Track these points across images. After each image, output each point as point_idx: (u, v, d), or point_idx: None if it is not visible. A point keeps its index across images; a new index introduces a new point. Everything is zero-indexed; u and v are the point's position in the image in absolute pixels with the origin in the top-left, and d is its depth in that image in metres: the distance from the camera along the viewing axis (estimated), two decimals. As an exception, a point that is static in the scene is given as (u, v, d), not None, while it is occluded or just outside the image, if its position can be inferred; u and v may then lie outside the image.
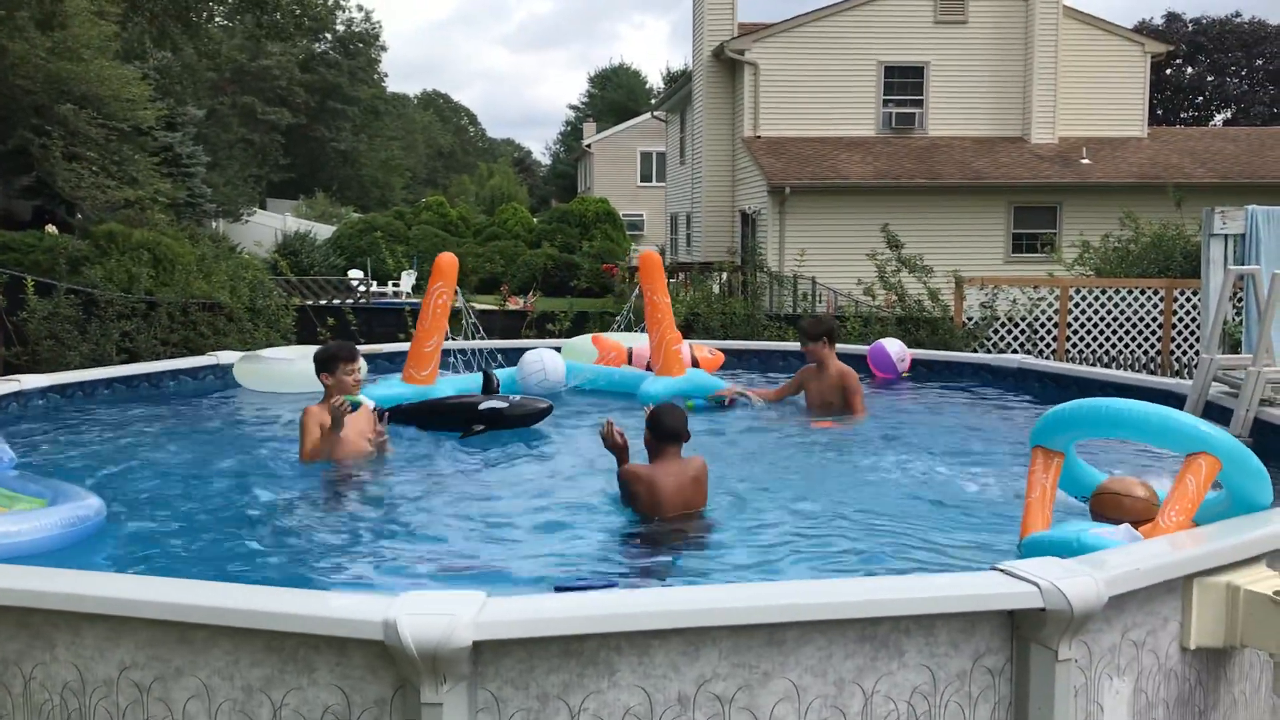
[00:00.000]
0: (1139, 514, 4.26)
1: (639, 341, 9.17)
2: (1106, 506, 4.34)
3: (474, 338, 9.04)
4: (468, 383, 7.90)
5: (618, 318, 10.90)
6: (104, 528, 4.42)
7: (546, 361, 8.26)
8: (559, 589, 3.51)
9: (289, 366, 8.07)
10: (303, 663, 2.90)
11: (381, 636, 2.76)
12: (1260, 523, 3.71)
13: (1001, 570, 3.16)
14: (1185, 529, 3.93)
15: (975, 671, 3.12)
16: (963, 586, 3.15)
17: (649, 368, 8.68)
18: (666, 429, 4.96)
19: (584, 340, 9.58)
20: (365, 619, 2.80)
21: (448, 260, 7.97)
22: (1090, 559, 3.33)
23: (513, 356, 9.24)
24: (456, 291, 8.03)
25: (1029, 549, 4.12)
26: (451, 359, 8.67)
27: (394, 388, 7.57)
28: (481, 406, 6.86)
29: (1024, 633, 3.11)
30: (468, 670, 2.81)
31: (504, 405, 6.88)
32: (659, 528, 4.80)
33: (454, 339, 8.58)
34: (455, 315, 8.20)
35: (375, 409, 6.12)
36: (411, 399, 7.30)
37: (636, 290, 9.42)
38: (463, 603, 2.83)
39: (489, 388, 7.15)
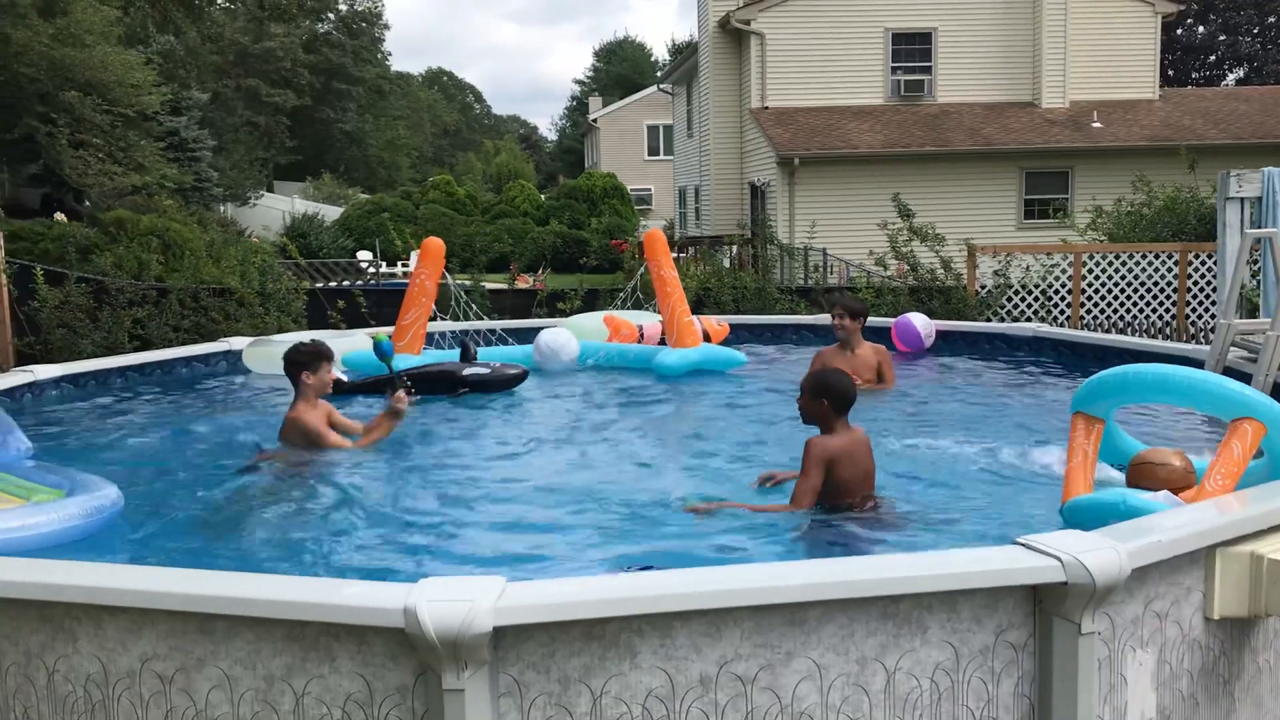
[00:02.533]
0: (1175, 484, 4.29)
1: (649, 319, 9.24)
2: (1144, 476, 4.36)
3: (464, 318, 9.70)
4: (445, 356, 8.43)
5: (621, 294, 10.92)
6: (122, 517, 4.42)
7: (560, 340, 8.36)
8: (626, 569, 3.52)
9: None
10: (324, 651, 2.90)
11: (402, 624, 2.76)
12: (1282, 491, 3.69)
13: (1023, 544, 3.14)
14: (1230, 492, 3.93)
15: (998, 647, 3.11)
16: (984, 562, 3.12)
17: (662, 343, 8.72)
18: (842, 394, 4.51)
19: (584, 319, 9.63)
20: (385, 606, 2.79)
21: (432, 245, 8.46)
22: (1112, 530, 3.30)
23: (524, 336, 9.27)
24: (445, 274, 8.66)
25: (1074, 512, 4.13)
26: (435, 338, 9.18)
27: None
28: (465, 373, 7.56)
29: (1047, 607, 3.09)
30: (489, 655, 2.80)
31: (486, 371, 7.69)
32: (849, 513, 4.47)
33: (441, 318, 9.30)
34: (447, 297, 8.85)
35: (401, 378, 6.36)
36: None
37: (643, 268, 9.51)
38: (482, 588, 2.82)
39: (466, 356, 7.85)
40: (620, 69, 72.90)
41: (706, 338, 9.27)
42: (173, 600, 2.97)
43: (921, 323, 9.13)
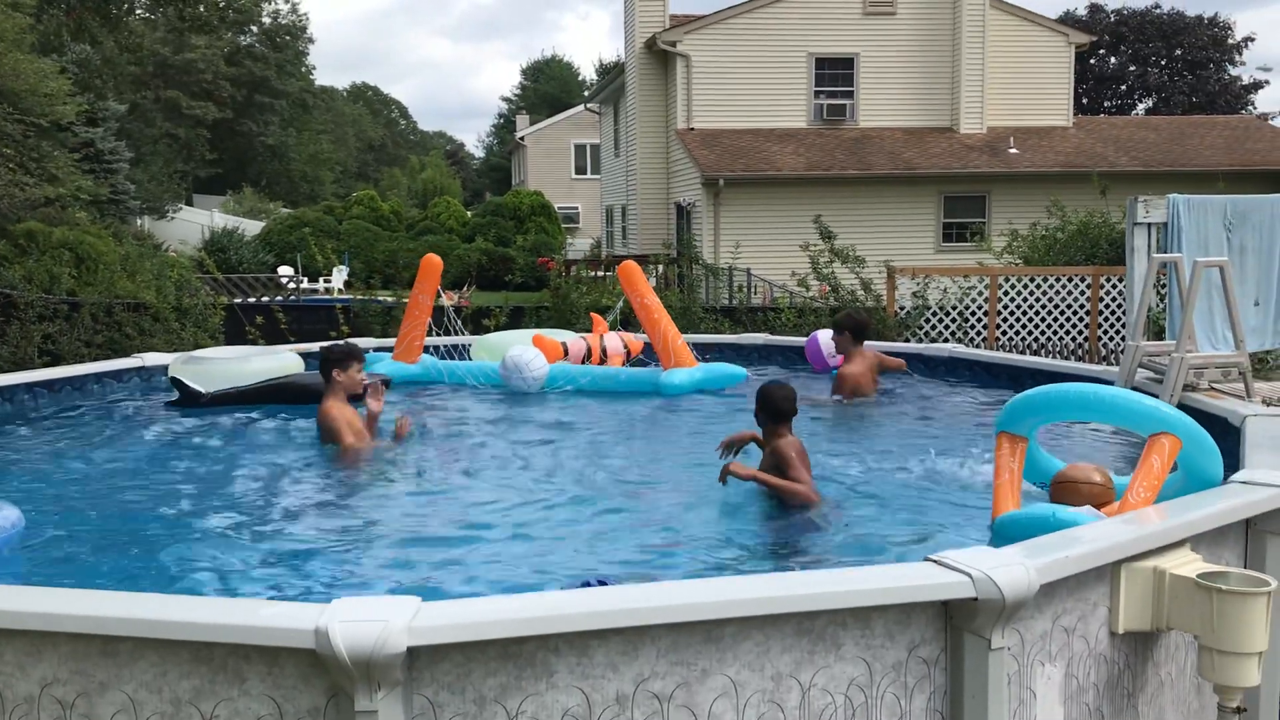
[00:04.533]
0: (1096, 499, 4.45)
1: (573, 338, 9.27)
2: (1067, 493, 4.50)
3: (450, 332, 10.04)
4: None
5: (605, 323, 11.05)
6: (21, 540, 4.28)
7: (525, 357, 8.31)
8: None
9: (242, 365, 7.90)
10: (233, 673, 2.84)
11: (313, 645, 2.71)
12: (1184, 508, 3.79)
13: (935, 561, 3.19)
14: (1151, 505, 4.09)
15: (911, 662, 3.15)
16: (897, 578, 3.17)
17: (602, 361, 8.90)
18: (781, 407, 4.93)
19: (507, 336, 9.62)
20: (296, 627, 2.74)
21: (427, 263, 9.20)
22: (1021, 546, 3.37)
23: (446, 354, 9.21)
24: (439, 291, 9.24)
25: (1005, 528, 4.22)
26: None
27: (389, 365, 8.89)
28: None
29: (958, 622, 3.14)
30: (402, 676, 2.76)
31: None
32: (817, 511, 4.83)
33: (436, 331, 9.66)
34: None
35: (381, 379, 6.92)
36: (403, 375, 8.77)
37: (622, 300, 9.68)
38: (396, 608, 2.79)
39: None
40: (548, 88, 73.03)
41: (628, 353, 9.40)
42: (73, 622, 2.87)
43: (826, 341, 9.21)
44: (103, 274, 13.61)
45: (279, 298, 22.15)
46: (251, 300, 18.42)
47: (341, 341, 6.64)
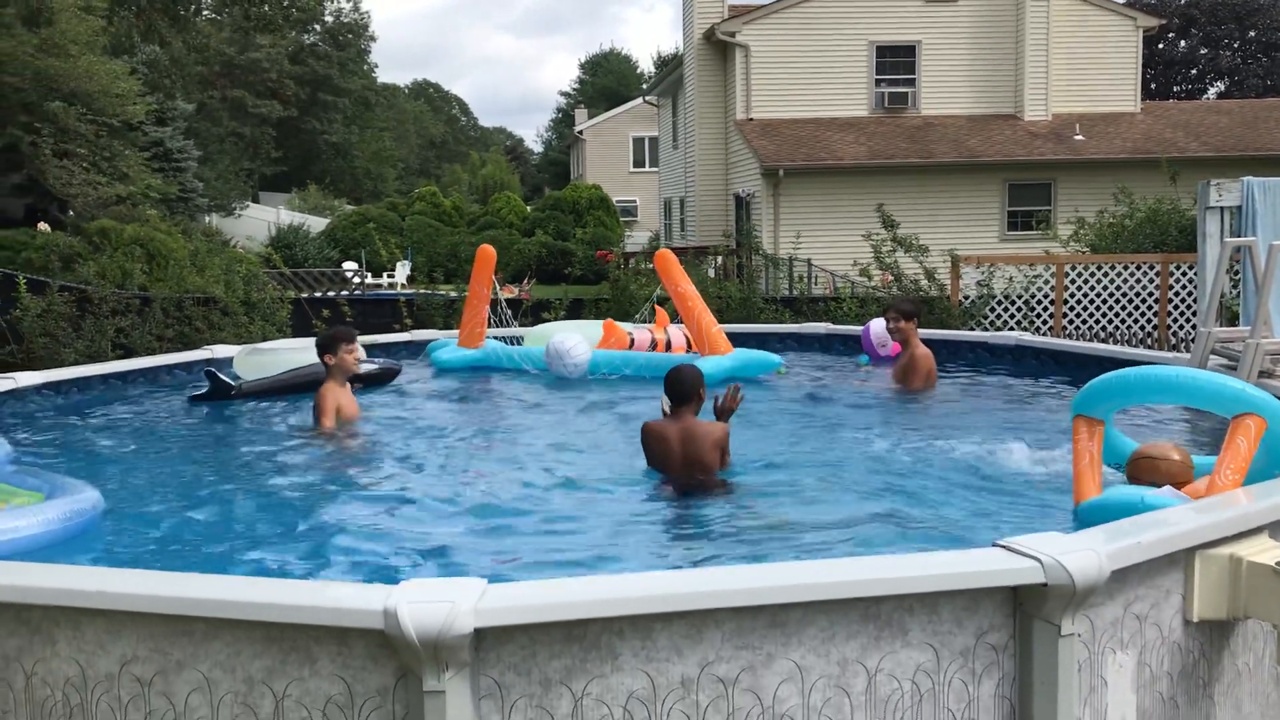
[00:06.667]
0: (1175, 477, 4.38)
1: (640, 330, 9.38)
2: (1144, 471, 4.43)
3: (502, 324, 10.13)
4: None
5: (636, 317, 11.06)
6: (102, 520, 4.40)
7: (568, 344, 8.42)
8: None
9: (297, 355, 8.04)
10: (304, 653, 2.89)
11: (382, 625, 2.74)
12: (1262, 494, 3.71)
13: (1004, 546, 3.15)
14: (1239, 487, 4.04)
15: (979, 648, 3.11)
16: (966, 563, 3.13)
17: (665, 348, 8.92)
18: (675, 391, 5.13)
19: (544, 328, 9.77)
20: (365, 608, 2.78)
21: (481, 254, 9.31)
22: (1091, 532, 3.31)
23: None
24: (494, 281, 9.38)
25: (1091, 513, 4.17)
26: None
27: (454, 351, 9.23)
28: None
29: (1027, 608, 3.10)
30: (469, 657, 2.79)
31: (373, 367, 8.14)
32: (667, 483, 5.07)
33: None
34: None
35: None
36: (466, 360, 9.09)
37: (659, 289, 9.74)
38: (463, 589, 2.82)
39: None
40: (606, 81, 73.08)
41: (688, 344, 9.41)
42: (151, 603, 2.95)
43: (877, 329, 9.14)
44: (173, 269, 13.91)
45: (344, 292, 22.46)
46: (318, 295, 18.70)
47: (330, 327, 6.84)
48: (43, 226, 23.78)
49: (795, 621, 2.96)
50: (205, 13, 26.91)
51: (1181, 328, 13.42)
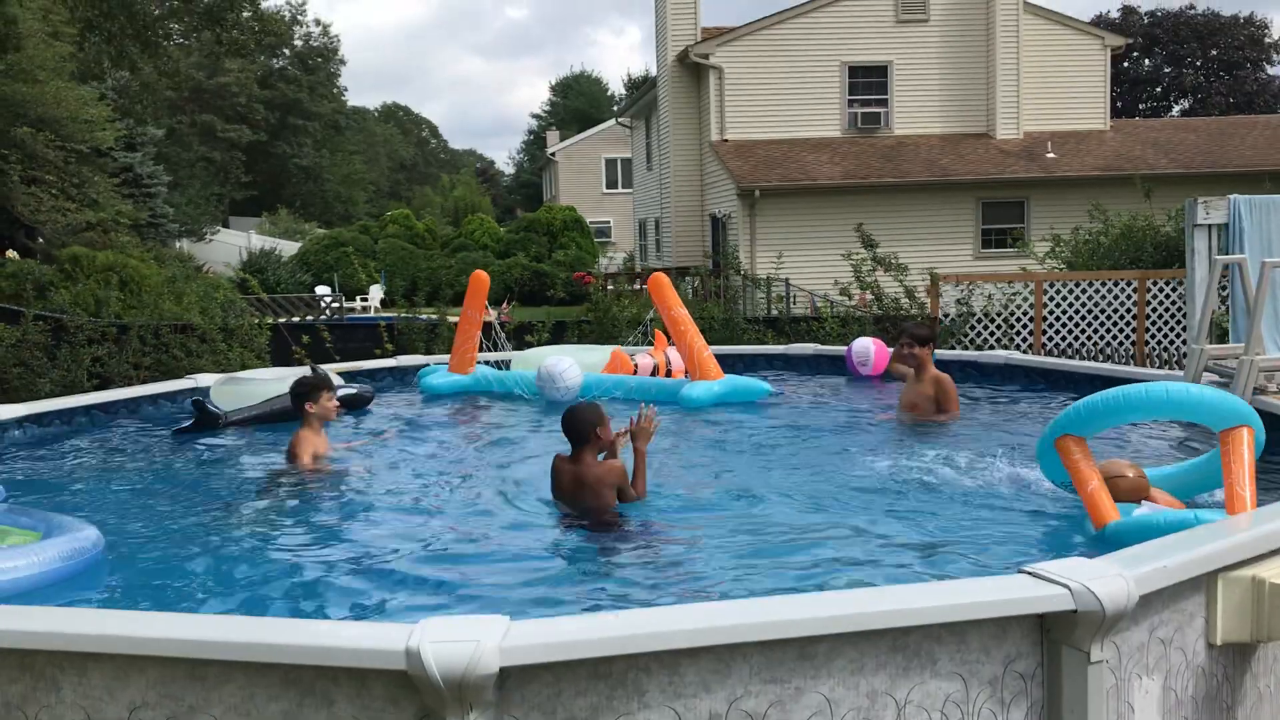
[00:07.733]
0: (1135, 493, 4.46)
1: (643, 355, 9.39)
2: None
3: (494, 348, 10.16)
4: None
5: (630, 340, 11.05)
6: (102, 559, 4.27)
7: (560, 367, 8.40)
8: None
9: (275, 385, 7.94)
10: (321, 696, 2.80)
11: (404, 666, 2.66)
12: (1281, 514, 3.70)
13: (1030, 573, 3.11)
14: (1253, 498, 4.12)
15: (1007, 676, 3.07)
16: (993, 591, 3.09)
17: (664, 374, 8.90)
18: (568, 431, 5.21)
19: (533, 353, 9.69)
20: (387, 648, 2.70)
21: (474, 279, 9.33)
22: (1115, 556, 3.28)
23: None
24: (487, 306, 9.37)
25: (1121, 535, 4.12)
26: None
27: (445, 376, 9.21)
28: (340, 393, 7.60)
29: (1055, 635, 3.06)
30: (493, 697, 2.72)
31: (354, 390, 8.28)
32: (565, 516, 5.18)
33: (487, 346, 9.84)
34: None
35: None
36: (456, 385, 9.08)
37: (652, 312, 9.72)
38: (487, 627, 2.74)
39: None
40: (577, 103, 73.29)
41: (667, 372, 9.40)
42: (161, 646, 2.85)
43: (859, 348, 9.08)
44: (148, 296, 13.73)
45: (322, 317, 22.29)
46: (296, 320, 18.53)
47: (309, 375, 6.66)
48: (11, 254, 23.48)
49: (823, 654, 2.90)
50: (176, 38, 26.73)
51: (1159, 343, 13.51)
